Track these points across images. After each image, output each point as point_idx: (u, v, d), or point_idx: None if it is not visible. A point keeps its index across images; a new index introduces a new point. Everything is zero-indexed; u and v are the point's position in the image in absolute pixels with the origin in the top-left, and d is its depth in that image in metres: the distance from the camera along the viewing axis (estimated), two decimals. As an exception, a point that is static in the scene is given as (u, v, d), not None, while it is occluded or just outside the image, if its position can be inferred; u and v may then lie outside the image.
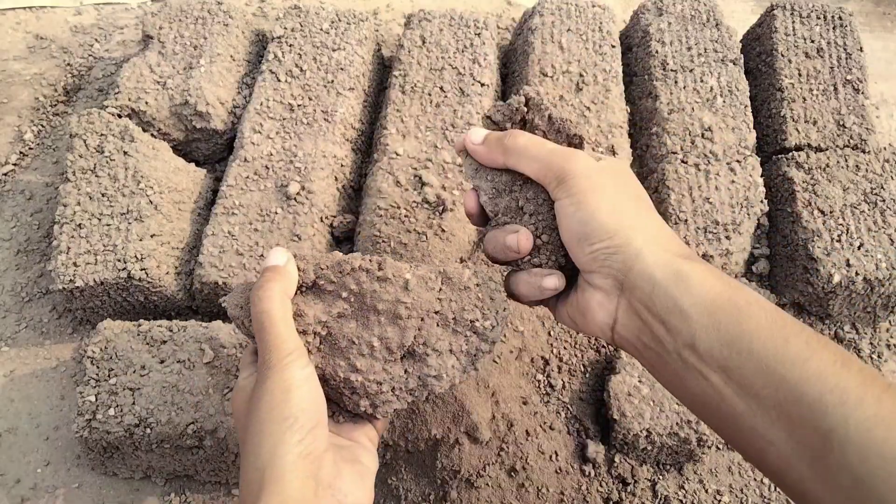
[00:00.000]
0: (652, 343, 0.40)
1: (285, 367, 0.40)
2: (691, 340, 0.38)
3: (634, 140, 0.86)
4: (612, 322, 0.42)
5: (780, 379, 0.35)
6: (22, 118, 0.92)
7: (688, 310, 0.38)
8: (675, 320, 0.38)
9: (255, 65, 0.91)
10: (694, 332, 0.38)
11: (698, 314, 0.38)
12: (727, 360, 0.37)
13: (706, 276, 0.39)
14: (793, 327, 0.37)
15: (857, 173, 0.79)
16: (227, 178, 0.76)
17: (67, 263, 0.68)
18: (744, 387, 0.36)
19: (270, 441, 0.38)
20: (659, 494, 0.65)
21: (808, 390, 0.34)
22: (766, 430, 0.36)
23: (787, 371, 0.35)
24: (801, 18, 0.90)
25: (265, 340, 0.41)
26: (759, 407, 0.36)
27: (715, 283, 0.39)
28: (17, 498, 0.65)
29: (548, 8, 0.90)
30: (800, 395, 0.34)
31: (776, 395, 0.35)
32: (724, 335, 0.37)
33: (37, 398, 0.70)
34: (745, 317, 0.37)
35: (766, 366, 0.36)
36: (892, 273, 0.72)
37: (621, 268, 0.41)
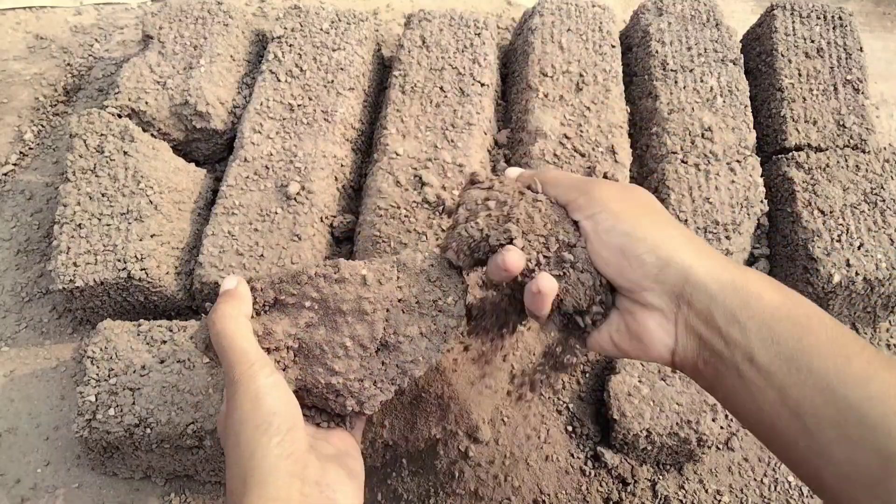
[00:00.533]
0: (711, 358, 0.39)
1: (250, 377, 0.40)
2: (750, 354, 0.37)
3: (634, 140, 0.86)
4: (674, 343, 0.40)
5: (840, 398, 0.34)
6: (22, 118, 0.92)
7: (746, 322, 0.37)
8: (735, 332, 0.37)
9: (255, 65, 0.91)
10: (753, 345, 0.37)
11: (757, 327, 0.37)
12: (786, 376, 0.36)
13: (764, 286, 0.38)
14: (854, 345, 0.36)
15: (857, 173, 0.79)
16: (227, 178, 0.76)
17: (67, 263, 0.68)
18: (802, 404, 0.35)
19: (248, 448, 0.38)
20: (659, 494, 0.65)
21: (870, 412, 0.33)
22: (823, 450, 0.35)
23: (848, 391, 0.34)
24: (801, 18, 0.90)
25: (227, 358, 0.41)
26: (818, 426, 0.35)
27: (773, 294, 0.38)
28: (17, 498, 0.65)
29: (548, 8, 0.90)
30: (861, 417, 0.33)
31: (836, 415, 0.34)
32: (784, 350, 0.36)
33: (37, 398, 0.70)
34: (804, 332, 0.36)
35: (827, 384, 0.34)
36: (892, 273, 0.72)
37: (676, 281, 0.39)
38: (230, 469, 0.40)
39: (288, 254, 0.70)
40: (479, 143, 0.79)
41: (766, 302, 0.37)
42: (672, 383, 0.64)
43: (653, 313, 0.41)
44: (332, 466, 0.41)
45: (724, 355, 0.38)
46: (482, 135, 0.80)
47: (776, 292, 0.38)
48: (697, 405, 0.63)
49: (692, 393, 0.64)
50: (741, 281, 0.38)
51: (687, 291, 0.39)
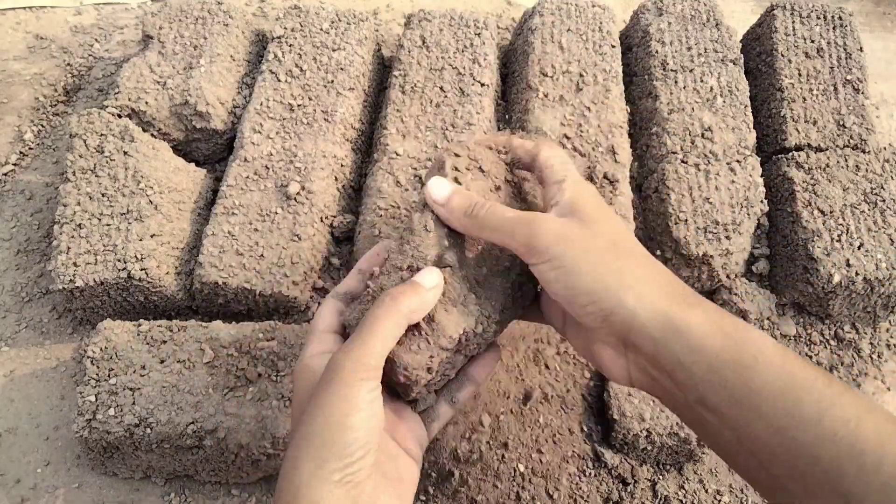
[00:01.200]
0: (665, 395, 0.40)
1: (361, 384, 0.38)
2: (700, 397, 0.37)
3: (634, 140, 0.86)
4: (628, 375, 0.41)
5: (792, 441, 0.34)
6: (22, 118, 0.92)
7: (691, 367, 0.37)
8: (682, 376, 0.37)
9: (255, 65, 0.91)
10: (700, 388, 0.36)
11: (702, 372, 0.36)
12: (737, 420, 0.35)
13: (706, 327, 0.37)
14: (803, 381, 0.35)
15: (857, 173, 0.79)
16: (227, 178, 0.76)
17: (67, 263, 0.68)
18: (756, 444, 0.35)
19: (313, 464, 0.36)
20: (659, 494, 0.65)
21: (822, 453, 0.33)
22: (783, 487, 0.35)
23: (799, 433, 0.34)
24: (801, 18, 0.90)
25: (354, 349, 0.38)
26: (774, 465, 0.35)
27: (716, 336, 0.37)
28: (17, 498, 0.65)
29: (548, 8, 0.90)
30: (815, 458, 0.33)
31: (790, 457, 0.34)
32: (733, 393, 0.35)
33: (37, 398, 0.70)
34: (751, 374, 0.35)
35: (778, 427, 0.34)
36: (892, 273, 0.72)
37: (620, 329, 0.39)
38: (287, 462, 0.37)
39: (288, 254, 0.70)
40: (479, 143, 0.79)
41: (709, 346, 0.37)
42: (672, 383, 0.64)
43: (605, 346, 0.41)
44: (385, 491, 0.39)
45: (677, 396, 0.38)
46: (482, 135, 0.80)
47: (720, 333, 0.37)
48: (697, 405, 0.63)
49: (692, 393, 0.64)
50: (684, 324, 0.37)
51: (631, 339, 0.39)
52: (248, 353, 0.63)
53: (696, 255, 0.74)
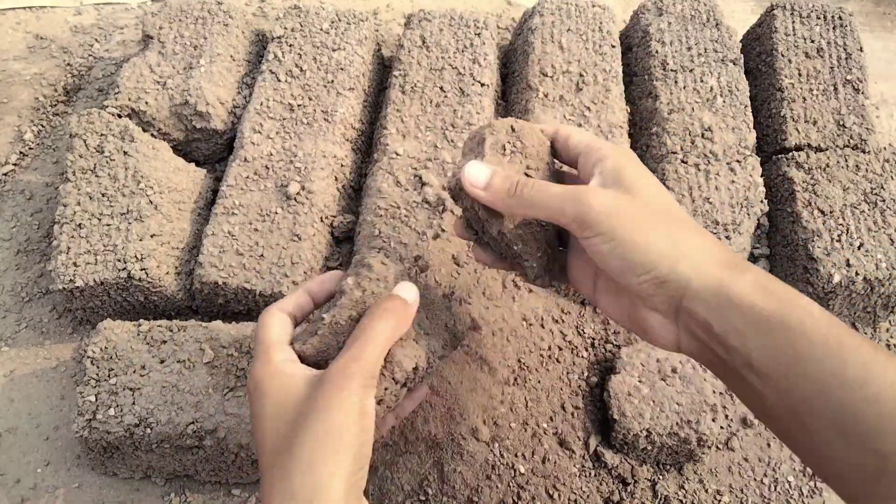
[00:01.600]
0: (714, 360, 0.40)
1: (366, 391, 0.39)
2: (748, 360, 0.38)
3: (634, 140, 0.86)
4: (677, 341, 0.42)
5: (837, 402, 0.35)
6: (22, 118, 0.92)
7: (742, 331, 0.38)
8: (732, 341, 0.38)
9: (255, 65, 0.91)
10: (751, 352, 0.38)
11: (753, 335, 0.38)
12: (784, 381, 0.37)
13: (758, 292, 0.38)
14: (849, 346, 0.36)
15: (857, 173, 0.79)
16: (227, 178, 0.76)
17: (67, 263, 0.68)
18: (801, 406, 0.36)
19: (330, 465, 0.36)
20: (659, 494, 0.65)
21: (865, 413, 0.34)
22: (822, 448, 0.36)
23: (844, 394, 0.35)
24: (801, 18, 0.90)
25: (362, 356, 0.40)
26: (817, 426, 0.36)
27: (767, 300, 0.38)
28: (17, 498, 0.65)
29: (548, 8, 0.90)
30: (857, 418, 0.34)
31: (833, 417, 0.35)
32: (780, 357, 0.37)
33: (37, 398, 0.70)
34: (798, 337, 0.37)
35: (823, 388, 0.35)
36: (892, 273, 0.72)
37: (673, 295, 0.40)
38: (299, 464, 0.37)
39: (288, 254, 0.70)
40: (479, 143, 0.79)
41: (759, 311, 0.38)
42: (672, 383, 0.64)
43: (654, 314, 0.42)
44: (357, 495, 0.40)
45: (726, 361, 0.39)
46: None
47: (771, 297, 0.38)
48: (697, 405, 0.63)
49: (692, 393, 0.64)
50: (736, 290, 0.39)
51: (684, 305, 0.40)
52: (248, 353, 0.63)
53: (696, 255, 0.74)
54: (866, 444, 0.34)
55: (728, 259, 0.41)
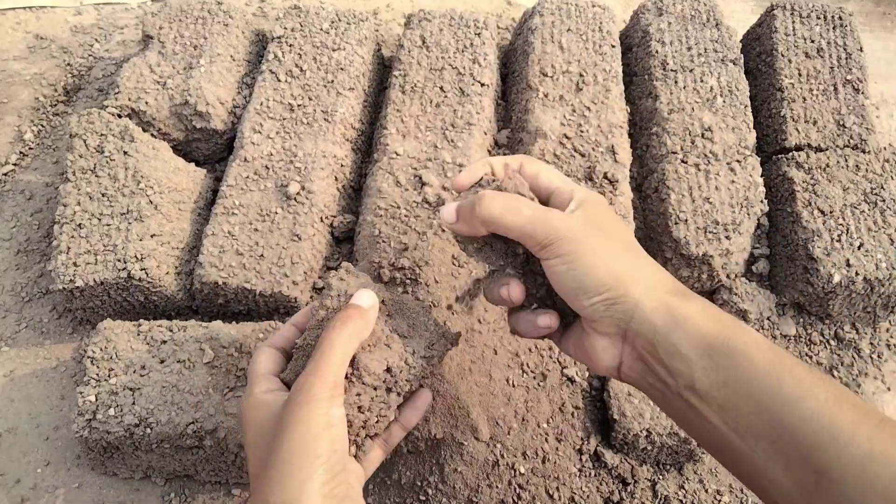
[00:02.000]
0: (657, 384, 0.42)
1: (331, 401, 0.41)
2: (692, 382, 0.39)
3: (634, 140, 0.86)
4: (619, 364, 0.44)
5: (775, 419, 0.36)
6: (22, 118, 0.92)
7: (687, 353, 0.39)
8: (677, 363, 0.40)
9: (255, 65, 0.91)
10: (693, 374, 0.39)
11: (697, 356, 0.39)
12: (725, 401, 0.38)
13: (703, 317, 0.40)
14: (787, 366, 0.38)
15: (857, 173, 0.79)
16: (227, 178, 0.76)
17: (67, 263, 0.68)
18: (742, 426, 0.37)
19: (300, 476, 0.38)
20: (659, 494, 0.65)
21: (802, 429, 0.35)
22: (765, 468, 0.37)
23: (782, 411, 0.36)
24: (801, 18, 0.90)
25: (319, 368, 0.41)
26: (758, 445, 0.37)
27: (712, 324, 0.40)
28: (17, 498, 0.65)
29: (548, 8, 0.90)
30: (795, 435, 0.35)
31: (772, 435, 0.36)
32: (723, 376, 0.38)
33: (37, 398, 0.70)
34: (741, 358, 0.38)
35: (763, 406, 0.37)
36: (892, 273, 0.72)
37: (623, 317, 0.42)
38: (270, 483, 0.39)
39: (288, 254, 0.70)
40: (480, 143, 0.79)
41: (705, 333, 0.39)
42: (672, 383, 0.64)
43: (600, 337, 0.43)
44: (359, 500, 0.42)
45: (669, 383, 0.41)
46: (482, 135, 0.80)
47: (715, 321, 0.40)
48: (697, 405, 0.63)
49: (692, 393, 0.64)
50: (683, 313, 0.40)
51: (632, 328, 0.41)
52: (248, 353, 0.63)
53: (696, 255, 0.74)
54: (805, 463, 0.35)
55: (677, 288, 0.43)
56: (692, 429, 0.41)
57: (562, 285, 0.43)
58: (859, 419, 0.35)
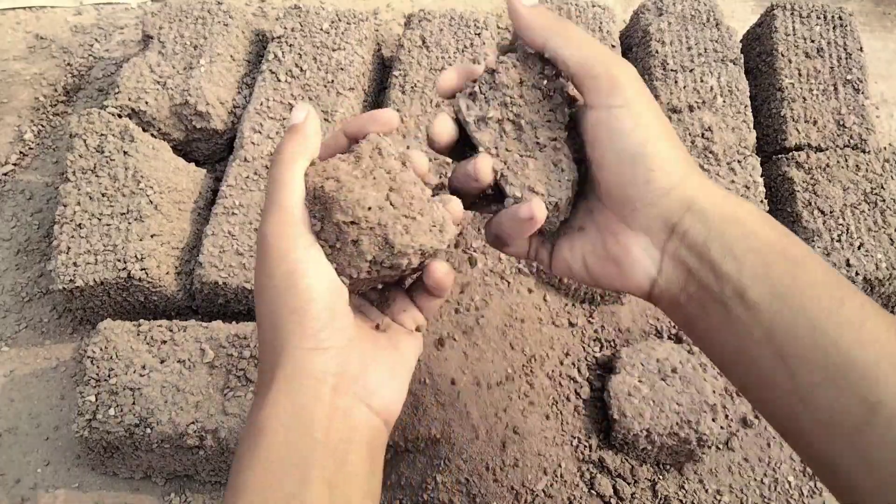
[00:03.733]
0: (697, 292, 0.36)
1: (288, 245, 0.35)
2: (741, 289, 0.34)
3: (634, 140, 0.86)
4: (657, 273, 0.37)
5: (830, 341, 0.32)
6: (22, 118, 0.92)
7: (742, 256, 0.35)
8: (728, 266, 0.35)
9: (255, 65, 0.91)
10: (745, 280, 0.34)
11: (752, 262, 0.34)
12: (776, 314, 0.34)
13: (761, 222, 0.36)
14: (847, 288, 0.34)
15: (857, 173, 0.79)
16: (227, 177, 0.76)
17: (67, 263, 0.68)
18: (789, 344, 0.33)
19: (282, 334, 0.35)
20: (659, 494, 0.65)
21: (860, 356, 0.32)
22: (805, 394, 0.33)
23: (839, 333, 0.32)
24: (801, 18, 0.90)
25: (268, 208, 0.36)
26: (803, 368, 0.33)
27: (770, 231, 0.36)
28: (17, 498, 0.65)
29: (548, 8, 0.90)
30: (850, 361, 0.32)
31: (824, 358, 0.32)
32: (777, 287, 0.34)
33: (37, 398, 0.70)
34: (800, 271, 0.34)
35: (818, 325, 0.33)
36: (892, 273, 0.72)
37: (678, 208, 0.36)
38: (261, 345, 0.36)
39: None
40: (479, 143, 0.79)
41: (762, 237, 0.35)
42: (672, 383, 0.64)
43: (639, 237, 0.37)
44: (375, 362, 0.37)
45: (713, 289, 0.35)
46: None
47: (773, 229, 0.36)
48: (697, 405, 0.63)
49: (692, 393, 0.64)
50: (741, 213, 0.36)
51: (686, 220, 0.36)
52: (249, 353, 0.63)
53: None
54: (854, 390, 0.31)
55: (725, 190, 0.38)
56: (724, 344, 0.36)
57: (616, 146, 0.36)
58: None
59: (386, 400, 0.37)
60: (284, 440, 0.34)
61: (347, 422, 0.35)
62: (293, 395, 0.34)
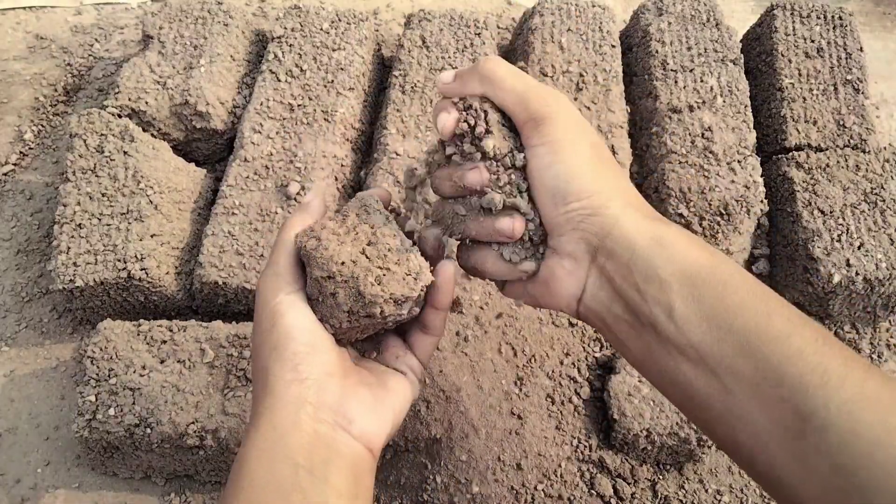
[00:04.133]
0: (625, 314, 0.38)
1: (272, 293, 0.40)
2: (669, 312, 0.35)
3: (634, 140, 0.86)
4: (581, 292, 0.39)
5: (760, 357, 0.33)
6: (22, 118, 0.92)
7: (668, 279, 0.36)
8: (654, 289, 0.36)
9: (255, 65, 0.91)
10: (672, 302, 0.35)
11: (679, 284, 0.35)
12: (706, 334, 0.35)
13: (687, 244, 0.37)
14: (775, 303, 0.35)
15: (857, 173, 0.79)
16: (227, 178, 0.76)
17: (67, 263, 0.68)
18: (721, 363, 0.34)
19: (263, 371, 0.39)
20: (659, 494, 0.65)
21: (789, 370, 0.32)
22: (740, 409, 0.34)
23: (768, 349, 0.33)
24: (801, 18, 0.90)
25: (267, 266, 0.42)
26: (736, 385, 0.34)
27: (698, 252, 0.37)
28: (17, 498, 0.65)
29: (548, 8, 0.90)
30: (781, 375, 0.33)
31: (755, 374, 0.33)
32: (705, 308, 0.35)
33: (37, 398, 0.70)
34: (728, 290, 0.35)
35: (748, 342, 0.34)
36: (892, 273, 0.72)
37: (598, 231, 0.38)
38: (252, 384, 0.41)
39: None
40: (479, 143, 0.79)
41: (690, 259, 0.36)
42: (672, 383, 0.64)
43: (564, 260, 0.39)
44: (358, 392, 0.40)
45: (642, 311, 0.36)
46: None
47: (701, 250, 0.37)
48: (697, 405, 0.63)
49: (692, 393, 0.64)
50: (667, 237, 0.37)
51: (608, 244, 0.37)
52: (248, 353, 0.63)
53: (696, 255, 0.74)
54: (788, 403, 0.32)
55: (655, 213, 0.40)
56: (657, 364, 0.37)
57: (541, 181, 0.38)
58: (848, 363, 0.32)
59: (366, 430, 0.39)
60: (268, 467, 0.36)
61: (329, 445, 0.37)
62: (274, 422, 0.37)
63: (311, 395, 0.37)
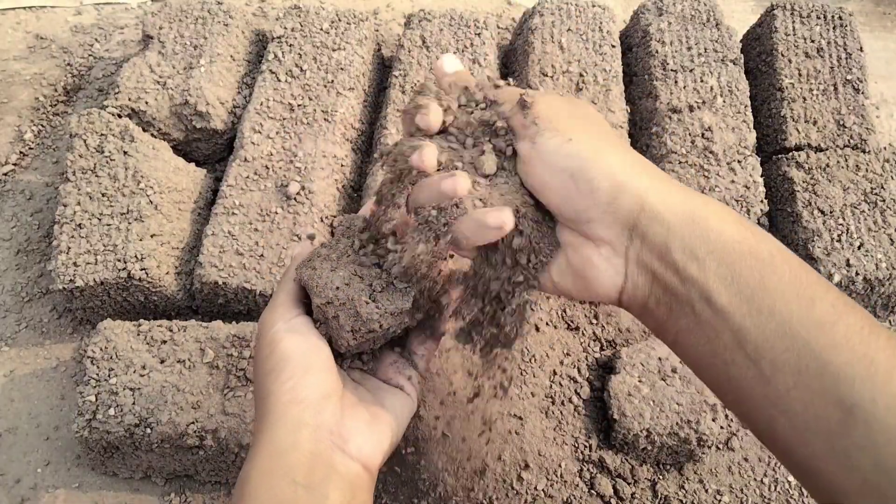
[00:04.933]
0: (664, 297, 0.35)
1: (271, 322, 0.42)
2: (707, 292, 0.33)
3: (634, 140, 0.86)
4: (623, 280, 0.37)
5: (802, 344, 0.31)
6: (22, 118, 0.92)
7: (704, 258, 0.33)
8: (692, 269, 0.34)
9: (255, 65, 0.91)
10: (710, 283, 0.33)
11: (716, 264, 0.33)
12: (745, 318, 0.32)
13: (724, 219, 0.34)
14: (818, 286, 0.33)
15: (857, 173, 0.79)
16: (227, 178, 0.76)
17: (67, 263, 0.68)
18: (760, 349, 0.32)
19: (262, 394, 0.40)
20: (659, 494, 0.65)
21: (833, 359, 0.31)
22: (779, 398, 0.32)
23: (811, 335, 0.31)
24: (801, 18, 0.90)
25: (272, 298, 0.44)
26: (775, 373, 0.32)
27: (735, 229, 0.34)
28: (17, 498, 0.65)
29: (548, 8, 0.90)
30: (823, 364, 0.31)
31: (796, 362, 0.31)
32: (744, 289, 0.33)
33: (37, 398, 0.70)
34: (767, 270, 0.33)
35: (789, 328, 0.32)
36: (892, 273, 0.72)
37: (631, 210, 0.35)
38: (255, 410, 0.42)
39: (288, 254, 0.70)
40: (479, 143, 0.79)
41: (727, 237, 0.34)
42: (672, 383, 0.64)
43: (600, 247, 0.36)
44: (355, 413, 0.41)
45: (679, 293, 0.34)
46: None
47: (738, 226, 0.34)
48: (697, 405, 0.63)
49: (692, 393, 0.64)
50: (701, 212, 0.34)
51: (641, 223, 0.35)
52: (248, 353, 0.63)
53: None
54: (830, 395, 0.30)
55: (689, 189, 0.37)
56: (696, 349, 0.35)
57: (551, 167, 0.36)
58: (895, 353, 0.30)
59: (362, 449, 0.40)
60: (268, 485, 0.37)
61: (327, 464, 0.38)
62: (275, 442, 0.38)
63: (308, 417, 0.38)
